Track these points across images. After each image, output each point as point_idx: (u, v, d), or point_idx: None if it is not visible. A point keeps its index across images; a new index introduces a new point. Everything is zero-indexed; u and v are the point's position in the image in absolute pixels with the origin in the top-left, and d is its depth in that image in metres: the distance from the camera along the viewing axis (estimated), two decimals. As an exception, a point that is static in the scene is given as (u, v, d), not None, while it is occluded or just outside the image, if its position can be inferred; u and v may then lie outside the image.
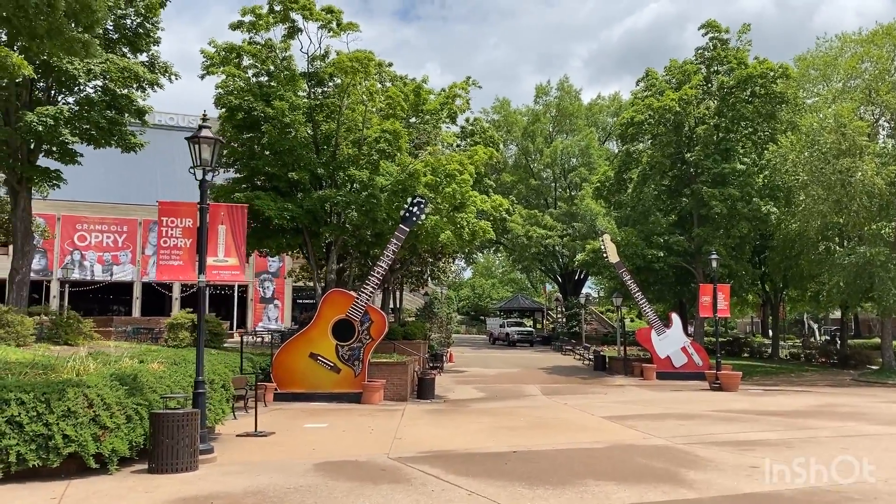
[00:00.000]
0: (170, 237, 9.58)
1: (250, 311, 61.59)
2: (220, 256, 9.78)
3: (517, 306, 69.60)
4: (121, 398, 9.16)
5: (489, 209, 26.68)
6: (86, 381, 8.93)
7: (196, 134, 9.81)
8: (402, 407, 19.96)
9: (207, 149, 9.80)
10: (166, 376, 10.82)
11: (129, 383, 9.56)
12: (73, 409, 8.53)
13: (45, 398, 8.40)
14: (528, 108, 62.30)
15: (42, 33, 9.77)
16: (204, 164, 9.76)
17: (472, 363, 38.93)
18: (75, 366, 10.14)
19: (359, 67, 22.71)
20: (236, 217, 9.97)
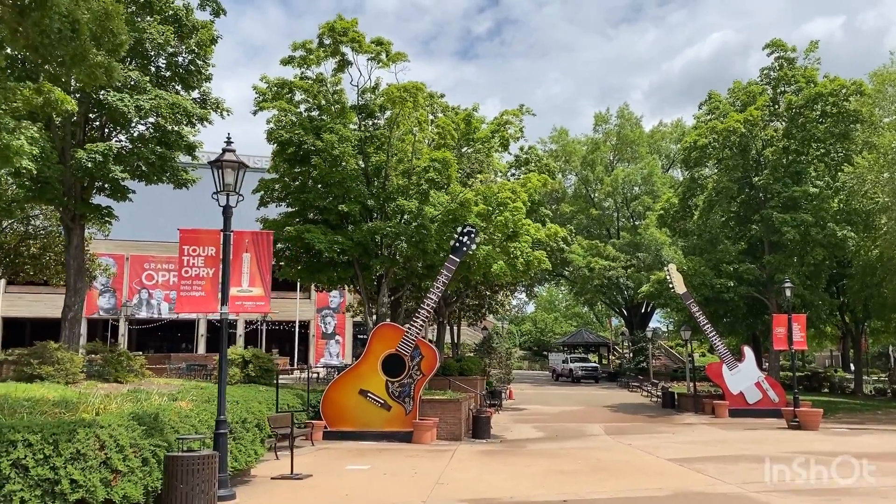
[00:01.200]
0: (191, 267, 9.09)
1: (312, 346, 61.68)
2: (244, 286, 9.22)
3: (581, 341, 67.73)
4: (136, 439, 8.58)
5: (544, 238, 25.69)
6: (99, 422, 8.39)
7: (219, 158, 9.35)
8: (454, 447, 18.99)
9: (231, 173, 9.32)
10: (192, 415, 10.23)
11: (147, 423, 8.99)
12: (82, 452, 7.97)
13: (54, 439, 7.87)
14: (588, 138, 61.24)
15: (67, 59, 9.51)
16: (227, 189, 9.27)
17: (533, 400, 37.60)
18: (96, 404, 9.65)
19: (407, 97, 22.29)
20: (261, 244, 9.41)
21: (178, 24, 22.08)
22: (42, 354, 18.17)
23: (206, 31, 22.71)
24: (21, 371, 17.76)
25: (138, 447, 8.55)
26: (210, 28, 22.94)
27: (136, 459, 8.40)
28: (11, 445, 7.68)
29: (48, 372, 17.78)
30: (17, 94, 13.87)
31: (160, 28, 20.68)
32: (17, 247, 30.93)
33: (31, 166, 17.96)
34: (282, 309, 59.30)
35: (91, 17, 9.43)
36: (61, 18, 9.12)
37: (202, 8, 23.27)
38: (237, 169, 9.39)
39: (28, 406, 9.71)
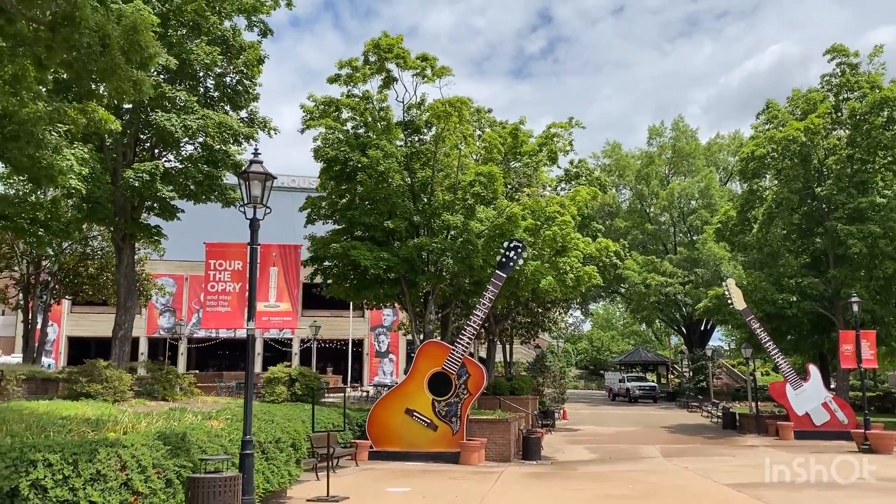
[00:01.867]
0: (218, 282, 8.88)
1: (366, 365, 61.74)
2: (271, 301, 8.97)
3: (639, 360, 66.04)
4: (160, 459, 8.34)
5: (594, 253, 24.97)
6: (121, 441, 8.18)
7: (246, 170, 9.15)
8: (502, 469, 18.38)
9: (258, 185, 9.11)
10: (223, 434, 9.99)
11: (173, 443, 8.76)
12: (102, 472, 7.75)
13: (74, 459, 7.67)
14: (642, 151, 59.99)
15: (97, 74, 9.49)
16: (254, 202, 9.05)
17: (588, 421, 36.58)
18: (125, 422, 9.49)
19: (452, 111, 22.01)
20: (289, 258, 9.14)
21: (226, 44, 22.36)
22: (91, 373, 18.34)
23: (254, 51, 22.94)
24: (71, 389, 17.95)
25: (162, 468, 8.31)
26: (257, 48, 23.17)
27: (158, 481, 8.16)
28: (31, 465, 7.51)
29: (97, 390, 17.92)
30: (64, 115, 14.06)
31: (207, 49, 20.92)
32: (76, 267, 31.77)
33: (81, 186, 18.28)
34: (335, 327, 59.58)
35: (121, 32, 9.40)
36: (91, 33, 9.10)
37: (250, 29, 23.56)
38: (264, 181, 9.17)
39: (59, 424, 9.61)
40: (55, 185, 14.18)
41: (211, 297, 8.94)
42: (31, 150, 12.61)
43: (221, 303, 8.82)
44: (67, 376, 18.61)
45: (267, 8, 23.45)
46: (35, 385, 20.77)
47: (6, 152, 12.76)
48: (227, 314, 8.81)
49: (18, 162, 13.05)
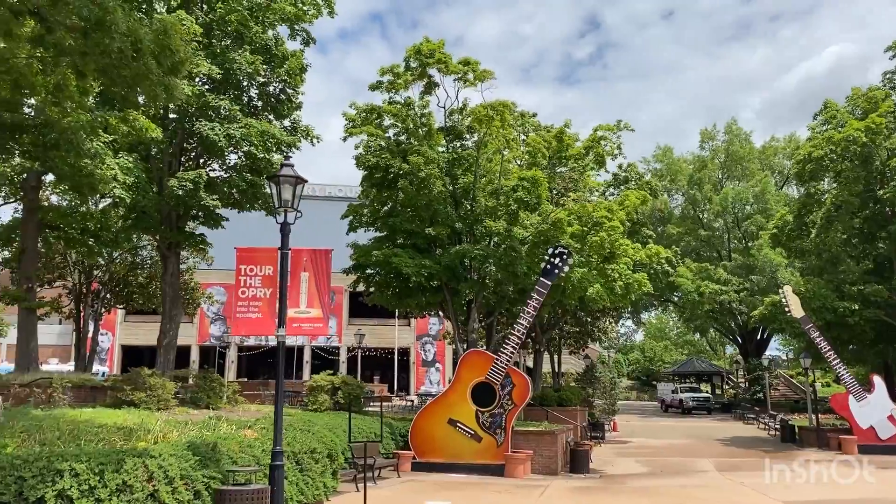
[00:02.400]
0: (248, 287, 8.66)
1: (413, 374, 61.56)
2: (301, 307, 8.70)
3: (692, 370, 64.26)
4: (188, 470, 8.11)
5: (644, 259, 24.18)
6: (149, 451, 7.97)
7: (276, 173, 8.92)
8: (548, 483, 17.81)
9: (289, 188, 8.87)
10: (256, 445, 9.74)
11: (203, 453, 8.52)
12: (128, 483, 7.55)
13: (100, 469, 7.49)
14: (694, 156, 58.52)
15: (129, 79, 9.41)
16: (285, 205, 8.81)
17: (639, 433, 35.58)
18: (157, 431, 9.32)
19: (494, 115, 21.62)
20: (320, 263, 8.87)
21: (269, 54, 22.42)
22: (135, 381, 18.42)
23: (296, 59, 22.95)
24: (116, 397, 18.05)
25: (190, 479, 8.08)
26: (300, 57, 23.19)
27: (186, 492, 7.92)
28: (58, 475, 7.35)
29: (140, 398, 17.96)
30: (105, 123, 14.14)
31: (250, 58, 20.99)
32: (126, 276, 32.28)
33: (125, 195, 18.46)
34: (381, 336, 59.58)
35: (152, 36, 9.30)
36: (122, 37, 9.03)
37: (293, 38, 23.63)
38: (294, 184, 8.93)
39: (93, 433, 9.49)
40: (97, 194, 14.24)
41: (241, 302, 8.71)
42: (72, 159, 12.65)
43: (252, 309, 8.59)
44: (113, 384, 18.74)
45: (309, 17, 23.49)
46: (84, 393, 20.97)
47: (48, 160, 12.85)
48: (257, 320, 8.57)
49: (60, 170, 13.15)
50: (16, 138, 12.48)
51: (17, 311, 27.26)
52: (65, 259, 31.51)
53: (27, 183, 26.84)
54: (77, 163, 12.89)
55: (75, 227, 26.28)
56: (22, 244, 26.49)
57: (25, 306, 25.17)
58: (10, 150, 12.96)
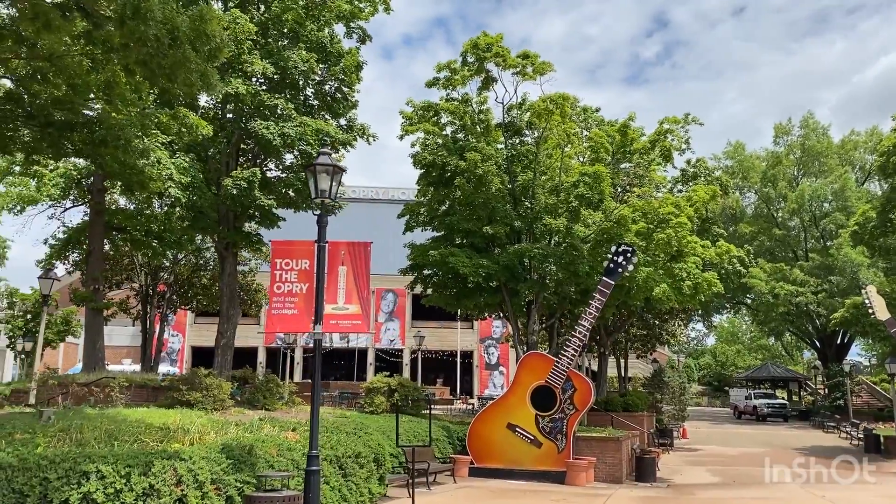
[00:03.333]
0: (283, 282, 8.20)
1: (476, 377, 60.94)
2: (339, 303, 8.20)
3: (767, 375, 61.51)
4: (220, 474, 7.69)
5: (714, 258, 22.91)
6: (180, 453, 7.59)
7: (313, 162, 8.47)
8: (611, 491, 16.91)
9: (326, 178, 8.40)
10: (297, 448, 9.29)
11: (237, 456, 8.10)
12: (156, 487, 7.17)
13: (127, 472, 7.14)
14: (768, 152, 55.96)
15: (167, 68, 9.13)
16: (322, 196, 8.35)
17: (710, 440, 34.02)
18: (193, 432, 8.97)
19: (553, 109, 20.83)
20: (359, 256, 8.35)
21: (324, 52, 22.20)
22: (191, 381, 18.38)
23: (352, 56, 22.66)
24: (172, 397, 18.03)
25: (222, 483, 7.66)
26: (355, 54, 22.89)
27: (217, 498, 7.51)
28: (84, 477, 7.03)
29: (196, 398, 17.87)
30: (156, 121, 14.04)
31: (304, 55, 20.78)
32: (190, 278, 32.73)
33: (180, 195, 18.47)
34: (444, 339, 59.18)
35: (188, 23, 9.00)
36: (157, 25, 8.74)
37: (349, 36, 23.37)
38: (332, 173, 8.45)
39: (131, 432, 9.21)
40: (148, 192, 14.15)
41: (277, 298, 8.28)
42: (121, 155, 12.55)
43: (287, 305, 8.15)
44: (170, 384, 18.75)
45: (365, 14, 23.18)
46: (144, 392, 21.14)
47: (98, 157, 12.77)
48: (293, 317, 8.13)
49: (110, 167, 13.08)
50: (66, 136, 12.43)
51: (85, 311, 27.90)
52: (132, 261, 32.17)
53: (94, 186, 27.45)
54: (126, 159, 12.78)
55: (140, 229, 26.70)
56: (89, 246, 27.09)
57: (92, 307, 25.65)
58: (64, 148, 12.93)
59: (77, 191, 28.49)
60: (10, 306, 41.83)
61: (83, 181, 27.35)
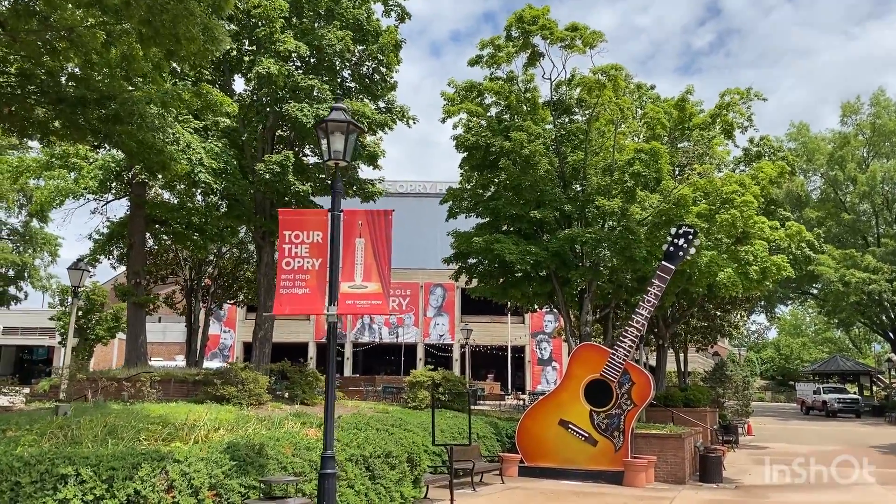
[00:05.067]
0: (294, 257, 7.11)
1: (528, 373, 59.61)
2: (357, 281, 7.06)
3: (835, 369, 58.43)
4: (221, 478, 6.66)
5: (783, 240, 21.07)
6: (173, 454, 6.56)
7: (325, 118, 7.36)
8: (674, 494, 15.48)
9: (340, 137, 7.28)
10: (316, 447, 8.21)
11: (244, 457, 7.06)
12: (142, 493, 6.17)
13: (110, 476, 6.14)
14: (834, 133, 52.85)
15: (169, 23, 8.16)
16: (335, 157, 7.24)
17: (777, 437, 32.00)
18: (198, 429, 7.97)
19: (605, 81, 19.37)
20: (378, 226, 7.20)
21: (361, 31, 21.20)
22: (226, 375, 17.62)
23: (389, 34, 21.57)
24: (206, 391, 17.29)
25: (223, 488, 6.62)
26: (393, 32, 21.78)
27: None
28: (61, 481, 6.07)
29: (231, 393, 17.10)
30: (177, 97, 13.20)
31: (339, 34, 19.79)
32: (234, 272, 32.23)
33: (210, 180, 17.68)
34: (494, 333, 57.93)
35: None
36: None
37: (387, 14, 22.31)
38: (347, 131, 7.34)
39: (135, 428, 8.27)
40: (172, 175, 13.31)
41: (286, 276, 7.19)
42: (137, 133, 11.70)
43: (298, 283, 7.07)
44: (204, 378, 18.01)
45: (403, -10, 22.10)
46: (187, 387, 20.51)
47: (114, 135, 11.96)
48: (304, 297, 7.05)
49: (127, 147, 12.26)
50: (80, 113, 11.66)
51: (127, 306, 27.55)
52: (177, 256, 31.83)
53: (134, 178, 27.04)
54: (143, 137, 11.95)
55: (180, 222, 26.21)
56: (129, 239, 26.69)
57: (133, 301, 25.22)
58: (80, 127, 12.17)
59: (118, 184, 28.20)
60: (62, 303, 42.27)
61: (123, 174, 27.02)
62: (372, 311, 7.15)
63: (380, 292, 7.13)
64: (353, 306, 7.19)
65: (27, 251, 44.46)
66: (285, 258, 7.25)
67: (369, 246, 7.15)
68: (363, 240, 7.17)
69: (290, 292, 7.18)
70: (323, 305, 7.15)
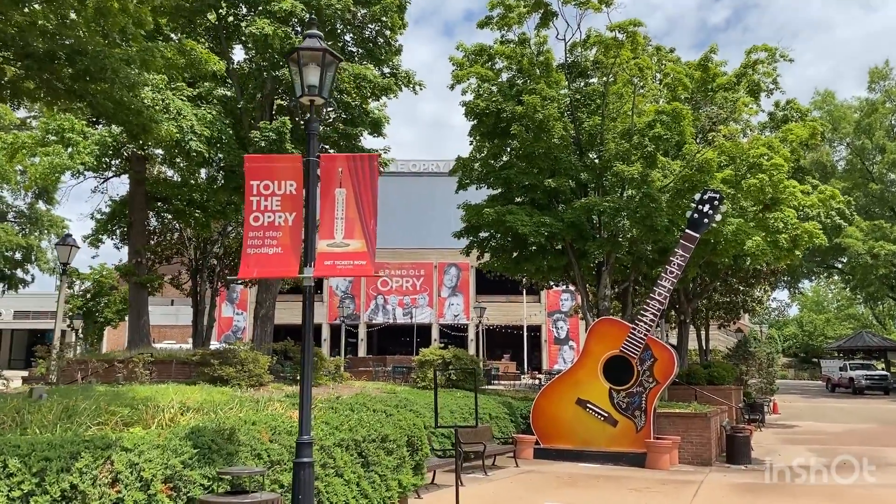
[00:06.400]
0: (263, 212, 6.08)
1: (545, 352, 58.73)
2: (337, 238, 6.03)
3: (861, 345, 56.86)
4: (179, 468, 5.67)
5: (816, 205, 19.75)
6: (121, 441, 5.58)
7: (296, 47, 6.29)
8: (701, 477, 14.43)
9: (314, 69, 6.20)
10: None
11: (208, 443, 6.07)
12: (80, 488, 5.19)
13: (42, 468, 5.16)
14: (861, 100, 50.89)
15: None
16: (311, 93, 6.19)
17: (804, 415, 30.83)
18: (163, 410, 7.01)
19: (624, 38, 18.09)
20: (363, 174, 6.13)
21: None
22: (224, 355, 16.75)
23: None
24: (202, 372, 16.43)
25: (181, 480, 5.64)
26: (397, -10, 20.59)
27: (169, 501, 5.47)
28: (-16, 474, 5.08)
29: (230, 374, 16.24)
30: (158, 55, 12.16)
31: (338, -9, 18.61)
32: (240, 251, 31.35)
33: (203, 149, 16.71)
34: (509, 313, 56.95)
35: None
36: None
37: (391, -27, 21.10)
38: (323, 63, 6.25)
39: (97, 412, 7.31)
40: (154, 139, 12.30)
41: (254, 233, 6.15)
42: (111, 91, 10.70)
43: (268, 242, 6.04)
44: (201, 359, 17.14)
45: (406, -56, 20.85)
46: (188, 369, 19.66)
47: (88, 95, 10.96)
48: (276, 257, 6.01)
49: (104, 107, 11.26)
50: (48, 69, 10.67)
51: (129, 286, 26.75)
52: (182, 235, 31.01)
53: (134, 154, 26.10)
54: (121, 97, 10.94)
55: (181, 199, 25.34)
56: (130, 217, 25.85)
57: (135, 280, 24.41)
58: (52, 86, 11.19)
59: (119, 161, 27.33)
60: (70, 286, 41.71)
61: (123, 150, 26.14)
62: (355, 272, 6.12)
63: (364, 251, 6.08)
64: (332, 267, 6.14)
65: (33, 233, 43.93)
66: (253, 213, 6.21)
67: (351, 197, 6.11)
68: (344, 190, 6.13)
69: (260, 252, 6.16)
70: (297, 267, 6.13)
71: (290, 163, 6.35)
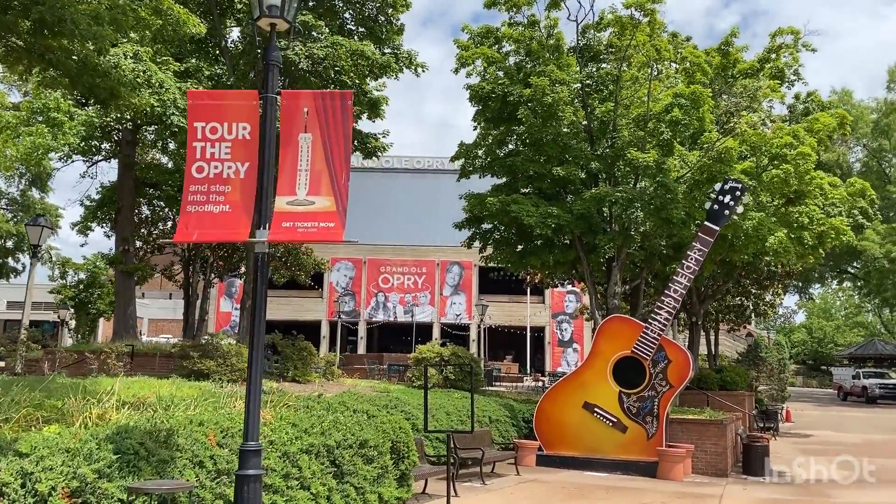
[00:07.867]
0: (209, 160, 4.86)
1: (548, 354, 57.49)
2: (299, 195, 4.83)
3: (873, 352, 55.51)
4: (91, 478, 4.47)
5: (845, 199, 18.42)
6: (14, 445, 4.38)
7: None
8: (718, 490, 13.20)
9: (275, -12, 5.03)
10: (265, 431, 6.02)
11: (135, 448, 4.87)
12: (-49, 505, 3.98)
13: None
14: (879, 101, 49.51)
15: None
16: (270, 14, 5.02)
17: (818, 424, 29.54)
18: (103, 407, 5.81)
19: (641, 17, 16.88)
20: (333, 115, 4.91)
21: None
22: (204, 348, 15.59)
23: (393, -32, 19.27)
24: (181, 366, 15.28)
25: (93, 495, 4.43)
26: (398, -33, 19.49)
27: (73, 521, 4.28)
28: None
29: (210, 367, 15.09)
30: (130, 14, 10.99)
31: (337, -35, 17.52)
32: (234, 241, 30.25)
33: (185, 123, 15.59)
34: (513, 313, 55.70)
35: None
36: None
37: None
38: (286, -21, 5.08)
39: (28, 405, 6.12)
40: (121, 104, 11.13)
41: (196, 186, 4.92)
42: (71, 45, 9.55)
43: (214, 198, 4.81)
44: (181, 351, 15.99)
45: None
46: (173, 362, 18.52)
47: (47, 53, 9.81)
48: (222, 216, 4.80)
49: (67, 68, 10.09)
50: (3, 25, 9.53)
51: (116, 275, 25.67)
52: (175, 223, 29.93)
53: (123, 138, 25.04)
54: (85, 55, 9.81)
55: (172, 185, 24.33)
56: (118, 203, 24.81)
57: (122, 269, 23.37)
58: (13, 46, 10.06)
59: (108, 144, 26.27)
60: (63, 276, 40.66)
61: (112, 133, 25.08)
62: (320, 236, 4.94)
63: (332, 210, 4.86)
64: (292, 230, 4.94)
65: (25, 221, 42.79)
66: (196, 161, 4.99)
67: (319, 144, 4.91)
68: (310, 135, 4.93)
69: (203, 210, 4.95)
70: (248, 229, 4.95)
71: (243, 100, 5.15)
